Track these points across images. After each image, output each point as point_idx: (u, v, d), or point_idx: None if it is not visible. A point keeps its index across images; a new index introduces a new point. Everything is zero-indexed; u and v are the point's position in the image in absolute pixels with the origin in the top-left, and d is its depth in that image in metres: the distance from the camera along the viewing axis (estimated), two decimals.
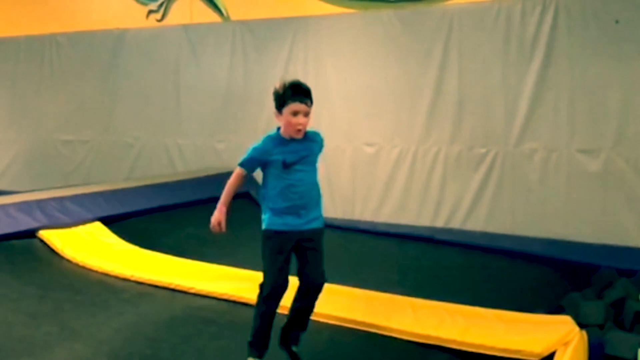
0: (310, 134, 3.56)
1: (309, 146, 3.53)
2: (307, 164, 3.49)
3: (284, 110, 3.41)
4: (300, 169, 3.46)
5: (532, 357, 3.61)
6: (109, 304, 4.67)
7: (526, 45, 6.79)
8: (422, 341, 3.92)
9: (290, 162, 3.43)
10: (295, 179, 3.44)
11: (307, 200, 3.48)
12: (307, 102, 3.43)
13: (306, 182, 3.48)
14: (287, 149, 3.46)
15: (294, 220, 3.44)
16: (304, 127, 3.45)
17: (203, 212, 7.26)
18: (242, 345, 3.69)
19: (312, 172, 3.53)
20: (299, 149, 3.48)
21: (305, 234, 3.46)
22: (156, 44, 9.17)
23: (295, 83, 3.46)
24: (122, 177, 9.03)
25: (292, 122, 3.41)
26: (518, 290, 5.23)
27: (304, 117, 3.43)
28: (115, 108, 9.48)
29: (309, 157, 3.51)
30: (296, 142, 3.47)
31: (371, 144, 7.73)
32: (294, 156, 3.45)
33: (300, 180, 3.45)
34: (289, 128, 3.43)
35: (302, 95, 3.42)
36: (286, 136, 3.46)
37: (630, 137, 6.36)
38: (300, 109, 3.40)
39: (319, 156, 3.61)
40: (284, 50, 8.25)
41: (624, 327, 4.26)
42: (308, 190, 3.49)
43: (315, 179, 3.56)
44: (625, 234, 6.32)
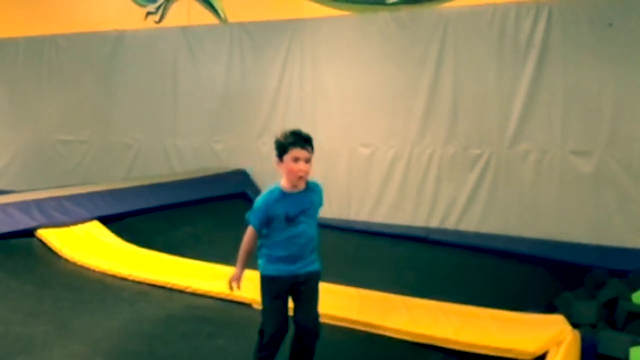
0: (311, 185, 3.50)
1: (310, 198, 3.47)
2: (308, 215, 3.43)
3: (285, 158, 3.36)
4: (302, 221, 3.40)
5: (526, 356, 3.65)
6: (106, 303, 4.70)
7: (520, 48, 6.82)
8: (416, 340, 3.96)
9: (293, 216, 3.37)
10: (297, 231, 3.38)
11: (305, 250, 3.44)
12: (307, 148, 3.36)
13: (307, 234, 3.42)
14: (288, 202, 3.39)
15: (287, 266, 3.39)
16: (305, 174, 3.38)
17: (200, 211, 7.40)
18: (238, 344, 3.74)
19: (312, 224, 3.47)
20: (301, 201, 3.42)
21: (300, 277, 3.40)
22: (154, 46, 9.19)
23: (295, 131, 3.42)
24: (120, 177, 9.05)
25: (293, 168, 3.34)
26: (511, 290, 5.27)
27: (305, 164, 3.36)
28: (114, 108, 9.50)
29: (310, 210, 3.44)
30: (297, 194, 3.41)
31: (367, 145, 7.76)
32: (296, 209, 3.39)
33: (302, 232, 3.39)
34: (291, 175, 3.36)
35: (303, 141, 3.36)
36: (287, 188, 3.40)
37: (622, 139, 6.40)
38: (301, 155, 3.34)
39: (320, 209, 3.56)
40: (281, 52, 8.29)
41: (616, 326, 4.30)
42: (308, 242, 3.44)
43: (315, 230, 3.50)
44: (617, 235, 6.35)
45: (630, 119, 6.36)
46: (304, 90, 8.19)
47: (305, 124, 8.17)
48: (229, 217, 7.49)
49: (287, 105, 8.31)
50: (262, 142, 8.48)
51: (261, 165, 8.47)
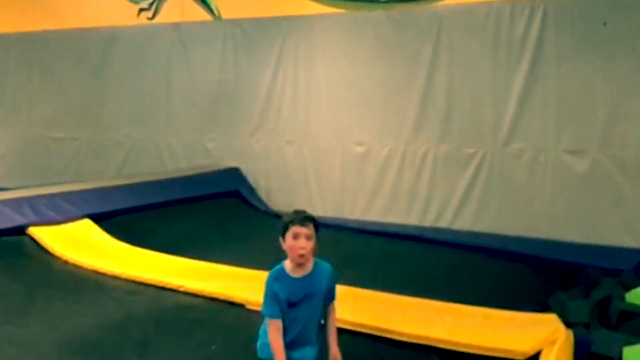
0: (320, 268, 3.37)
1: (317, 283, 3.32)
2: (312, 301, 3.28)
3: (286, 236, 3.26)
4: (306, 309, 3.27)
5: (519, 355, 3.64)
6: (98, 302, 4.67)
7: (515, 46, 6.83)
8: (410, 340, 3.94)
9: (295, 302, 3.25)
10: (298, 316, 3.26)
11: (306, 336, 3.31)
12: (307, 225, 3.25)
13: (307, 320, 3.28)
14: (291, 287, 3.27)
15: (289, 353, 3.24)
16: (306, 251, 3.24)
17: (193, 210, 7.36)
18: (229, 346, 3.71)
19: (315, 311, 3.32)
20: (304, 286, 3.28)
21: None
22: (147, 42, 9.16)
23: (298, 210, 3.35)
24: (112, 174, 9.03)
25: (293, 246, 3.22)
26: (505, 289, 5.26)
27: (306, 241, 3.23)
28: (106, 106, 9.47)
29: (314, 296, 3.29)
30: (302, 278, 3.28)
31: (361, 144, 7.75)
32: (299, 294, 3.26)
33: (302, 318, 3.26)
34: (292, 253, 3.24)
35: (303, 218, 3.26)
36: (291, 270, 3.28)
37: (616, 139, 6.42)
38: (300, 232, 3.23)
39: (333, 293, 3.41)
40: (274, 50, 8.27)
41: (609, 325, 4.30)
42: (308, 327, 3.30)
43: (317, 314, 3.35)
44: (611, 234, 6.38)
45: (624, 118, 6.38)
46: (298, 88, 8.17)
47: (299, 121, 8.18)
48: (222, 216, 7.49)
49: (281, 103, 8.29)
50: (255, 140, 8.46)
51: (254, 164, 8.46)
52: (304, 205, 8.05)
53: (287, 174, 8.28)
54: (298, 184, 8.21)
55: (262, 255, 6.05)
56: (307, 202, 8.09)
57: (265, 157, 8.43)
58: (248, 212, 7.91)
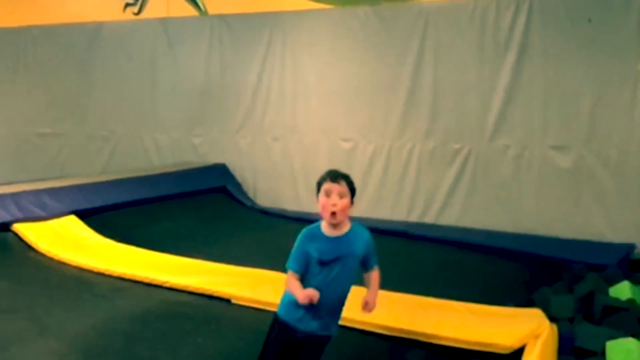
0: (357, 231, 3.27)
1: (351, 245, 3.21)
2: (345, 266, 3.17)
3: (319, 195, 3.19)
4: (337, 272, 3.15)
5: (504, 350, 3.65)
6: (83, 299, 4.65)
7: (500, 43, 6.85)
8: (395, 335, 3.95)
9: (326, 261, 3.14)
10: (327, 280, 3.14)
11: (332, 305, 3.20)
12: (340, 182, 3.17)
13: (339, 288, 3.19)
14: (323, 246, 3.17)
15: (309, 323, 3.16)
16: (338, 209, 3.14)
17: (180, 206, 7.34)
18: (215, 340, 3.71)
19: (347, 277, 3.21)
20: (337, 247, 3.17)
21: (311, 338, 3.19)
22: (133, 38, 9.12)
23: (331, 169, 3.28)
24: (97, 170, 8.98)
25: (324, 204, 3.15)
26: (490, 284, 5.27)
27: (338, 198, 3.15)
28: (91, 101, 9.41)
29: (347, 259, 3.18)
30: (336, 238, 3.19)
31: (347, 139, 7.76)
32: (330, 255, 3.15)
33: (334, 285, 3.16)
34: (323, 211, 3.16)
35: (335, 175, 3.20)
36: (326, 229, 3.20)
37: (600, 134, 6.46)
38: (332, 188, 3.15)
39: (372, 259, 3.31)
40: (261, 45, 8.25)
41: (593, 320, 4.33)
42: (337, 296, 3.20)
43: (348, 285, 3.24)
44: (595, 230, 6.42)
45: (609, 114, 6.42)
46: (285, 84, 8.16)
47: (286, 118, 8.18)
48: (208, 212, 7.47)
49: (268, 99, 8.28)
50: (242, 135, 8.45)
51: (241, 160, 8.45)
52: (291, 201, 8.08)
53: (274, 170, 8.27)
54: (285, 180, 8.20)
55: (249, 251, 6.10)
56: (293, 198, 8.09)
57: (251, 153, 8.41)
58: (234, 209, 7.89)
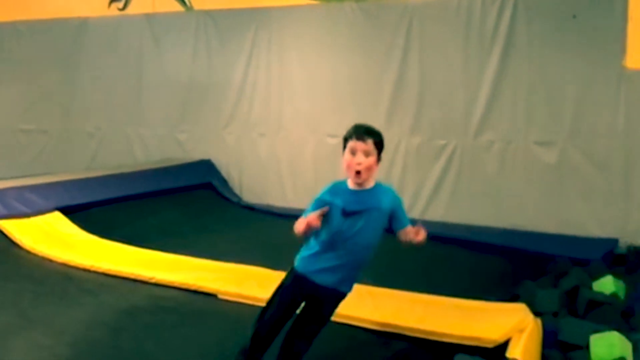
0: (382, 188, 3.21)
1: (377, 199, 3.15)
2: (370, 220, 3.11)
3: (345, 151, 3.13)
4: (361, 225, 3.10)
5: (488, 343, 3.67)
6: (69, 294, 4.63)
7: (486, 38, 6.87)
8: (381, 329, 3.97)
9: (350, 212, 3.08)
10: (351, 233, 3.09)
11: (354, 260, 3.15)
12: (366, 140, 3.10)
13: (362, 242, 3.13)
14: (348, 197, 3.12)
15: (327, 276, 3.13)
16: (364, 168, 3.07)
17: (165, 202, 7.31)
18: (202, 334, 3.71)
19: (372, 232, 3.15)
20: (362, 200, 3.12)
21: (326, 293, 3.16)
22: (118, 33, 9.06)
23: (358, 124, 3.21)
24: (82, 167, 8.92)
25: (349, 162, 3.09)
26: (476, 279, 5.31)
27: (364, 157, 3.08)
28: (76, 97, 9.35)
29: (372, 212, 3.12)
30: (361, 192, 3.14)
31: (334, 136, 7.75)
32: (354, 206, 3.09)
33: (356, 237, 3.10)
34: (348, 170, 3.10)
35: (362, 132, 3.13)
36: (350, 184, 3.15)
37: (584, 130, 6.49)
38: (357, 147, 3.09)
39: (403, 218, 3.26)
40: (247, 41, 8.23)
41: (577, 314, 4.36)
42: (360, 250, 3.15)
43: (374, 241, 3.19)
44: (579, 224, 6.45)
45: (593, 109, 6.45)
46: (271, 79, 8.15)
47: (272, 114, 8.17)
48: (194, 208, 7.45)
49: (253, 95, 8.26)
50: (228, 132, 8.43)
51: (227, 156, 8.43)
52: (277, 197, 8.07)
53: (260, 166, 8.26)
54: (271, 176, 8.19)
55: (235, 247, 6.10)
56: (280, 194, 8.08)
57: (237, 149, 8.40)
58: (220, 205, 7.88)
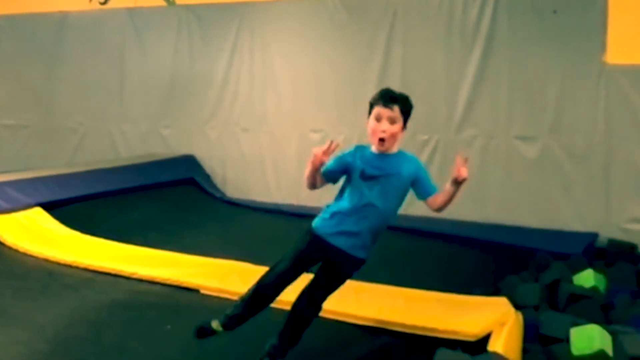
0: (405, 155, 3.18)
1: (397, 166, 3.11)
2: (388, 186, 3.09)
3: (370, 117, 3.11)
4: (379, 190, 3.07)
5: (470, 337, 3.69)
6: (50, 290, 4.60)
7: (467, 34, 6.89)
8: (364, 323, 3.99)
9: (369, 175, 3.07)
10: (369, 197, 3.06)
11: (370, 226, 3.11)
12: (392, 107, 3.05)
13: (379, 207, 3.09)
14: (370, 162, 3.10)
15: (342, 239, 3.10)
16: (388, 135, 3.05)
17: (148, 198, 7.28)
18: (184, 329, 3.70)
19: (390, 198, 3.13)
20: (383, 165, 3.09)
21: (341, 256, 3.13)
22: (100, 28, 8.99)
23: (385, 88, 3.16)
24: (64, 162, 8.85)
25: (374, 128, 3.07)
26: (458, 273, 5.33)
27: (389, 124, 3.06)
28: (58, 92, 9.27)
29: (391, 178, 3.09)
30: (383, 156, 3.11)
31: (317, 131, 7.76)
32: (375, 170, 3.08)
33: (373, 202, 3.07)
34: (372, 136, 3.08)
35: (388, 99, 3.07)
36: (374, 150, 3.12)
37: (565, 125, 6.54)
38: (383, 113, 3.05)
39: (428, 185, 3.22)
40: (230, 36, 8.20)
41: (558, 308, 4.40)
42: (377, 216, 3.10)
43: (392, 211, 3.16)
44: (560, 219, 6.50)
45: (573, 105, 6.50)
46: (254, 74, 8.13)
47: (255, 109, 8.15)
48: (177, 203, 7.43)
49: (236, 90, 8.24)
50: (211, 127, 8.41)
51: (210, 151, 8.41)
52: (260, 192, 8.06)
53: (243, 161, 8.25)
54: (254, 171, 8.18)
55: (218, 243, 6.09)
56: (263, 189, 8.07)
57: (221, 144, 8.37)
58: (204, 200, 7.86)
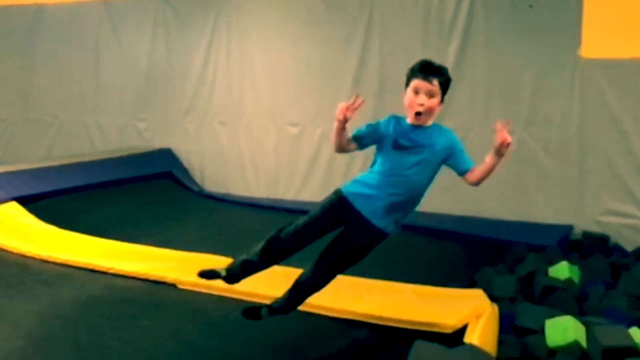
0: (440, 128, 3.12)
1: (432, 138, 3.05)
2: (420, 158, 3.03)
3: (407, 89, 3.02)
4: (411, 161, 3.01)
5: (446, 329, 3.74)
6: (26, 286, 4.57)
7: (445, 28, 6.90)
8: (341, 316, 4.02)
9: (401, 145, 3.01)
10: (400, 168, 3.00)
11: (397, 197, 3.04)
12: (431, 80, 2.98)
13: (412, 182, 3.04)
14: (404, 132, 3.03)
15: (366, 203, 3.05)
16: (425, 110, 2.98)
17: (125, 191, 7.25)
18: (162, 324, 3.70)
19: (423, 172, 3.07)
20: (418, 136, 3.02)
21: (361, 220, 3.06)
22: (75, 21, 8.89)
23: (425, 60, 3.07)
24: (40, 156, 8.78)
25: (411, 101, 2.98)
26: (434, 266, 5.37)
27: (427, 98, 2.98)
28: (33, 85, 9.16)
29: (424, 151, 3.03)
30: (417, 128, 3.04)
31: (295, 124, 7.76)
32: (408, 141, 3.02)
33: (403, 173, 3.01)
34: (408, 109, 3.00)
35: (427, 71, 2.99)
36: (409, 121, 3.06)
37: (541, 119, 6.58)
38: (421, 86, 2.97)
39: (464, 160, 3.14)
40: (207, 29, 8.16)
41: (533, 299, 4.46)
42: (406, 187, 3.04)
43: (424, 184, 3.09)
44: (535, 211, 6.56)
45: (548, 99, 6.54)
46: (231, 68, 8.10)
47: (233, 102, 8.13)
48: (154, 197, 7.40)
49: (214, 83, 8.21)
50: (188, 120, 8.37)
51: (187, 145, 8.37)
52: (238, 186, 8.04)
53: (221, 154, 8.22)
54: (232, 165, 8.16)
55: (196, 237, 6.08)
56: (241, 182, 8.06)
57: (198, 137, 8.34)
58: (181, 194, 7.84)
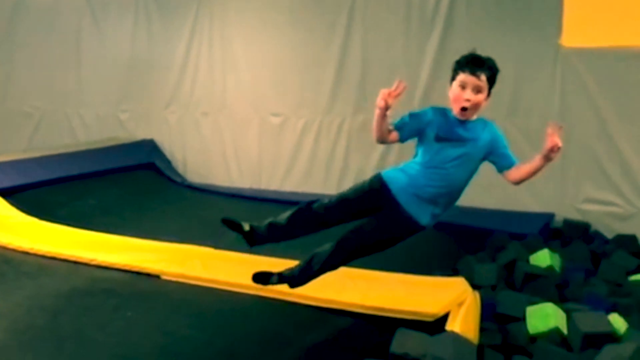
0: (484, 122, 3.06)
1: (474, 133, 2.99)
2: (462, 152, 2.98)
3: (453, 83, 2.98)
4: (453, 154, 2.96)
5: (428, 317, 3.77)
6: (7, 278, 4.54)
7: (427, 16, 6.90)
8: (324, 305, 4.03)
9: (444, 137, 2.95)
10: (441, 160, 2.96)
11: (435, 190, 3.00)
12: (479, 75, 2.92)
13: (453, 177, 3.00)
14: (447, 125, 2.98)
15: (402, 190, 3.00)
16: (472, 105, 2.91)
17: (107, 183, 7.22)
18: (145, 315, 3.69)
19: (464, 166, 3.01)
20: (461, 131, 2.97)
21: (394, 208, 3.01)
22: (56, 10, 8.81)
23: (472, 53, 3.02)
24: (20, 148, 8.70)
25: (457, 96, 2.93)
26: (416, 254, 5.34)
27: (473, 93, 2.92)
28: (13, 76, 9.08)
29: (467, 145, 2.97)
30: (461, 121, 2.98)
31: (277, 114, 7.75)
32: (450, 133, 2.96)
33: (446, 165, 2.96)
34: (454, 103, 2.95)
35: (475, 65, 2.94)
36: (454, 114, 3.00)
37: (522, 108, 6.61)
38: (468, 81, 2.91)
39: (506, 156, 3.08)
40: (189, 19, 8.11)
41: (514, 287, 4.51)
42: (445, 180, 3.00)
43: (465, 178, 3.05)
44: (517, 200, 6.58)
45: (530, 88, 6.58)
46: (213, 58, 8.07)
47: (215, 92, 8.10)
48: (136, 188, 7.37)
49: (196, 73, 8.17)
50: (170, 111, 8.33)
51: (169, 136, 8.34)
52: (221, 176, 8.03)
53: (204, 145, 8.20)
54: (215, 156, 8.14)
55: (178, 228, 6.06)
56: (224, 173, 8.05)
57: (180, 128, 8.31)
58: (164, 185, 7.81)
